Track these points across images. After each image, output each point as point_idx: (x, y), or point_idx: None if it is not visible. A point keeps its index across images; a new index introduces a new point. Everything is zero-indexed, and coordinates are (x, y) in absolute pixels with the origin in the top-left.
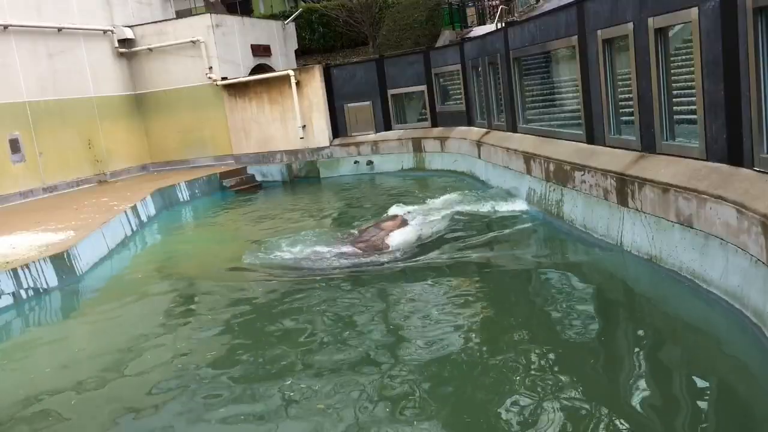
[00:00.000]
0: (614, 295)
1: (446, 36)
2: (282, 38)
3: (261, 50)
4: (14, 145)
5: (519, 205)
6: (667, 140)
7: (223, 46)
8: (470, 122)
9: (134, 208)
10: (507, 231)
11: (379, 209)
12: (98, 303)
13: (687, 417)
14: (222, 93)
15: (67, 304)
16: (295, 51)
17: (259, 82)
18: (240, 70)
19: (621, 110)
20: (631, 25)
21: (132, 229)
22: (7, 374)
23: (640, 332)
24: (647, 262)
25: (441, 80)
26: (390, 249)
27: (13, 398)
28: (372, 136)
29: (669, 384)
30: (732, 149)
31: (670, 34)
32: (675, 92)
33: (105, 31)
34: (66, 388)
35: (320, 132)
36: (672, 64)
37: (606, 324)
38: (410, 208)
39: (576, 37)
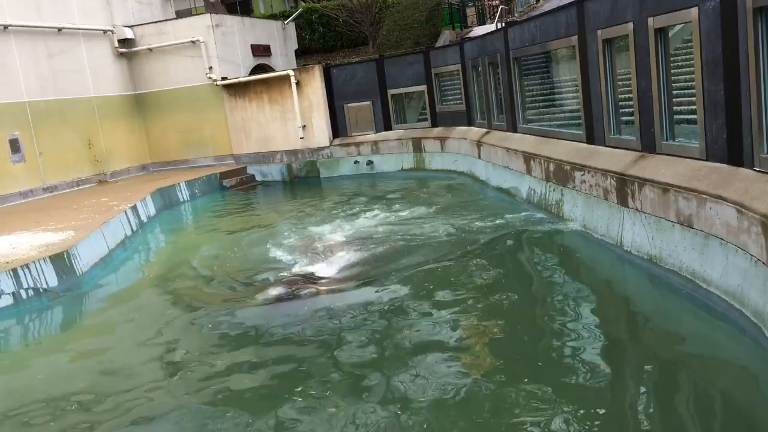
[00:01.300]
0: (613, 295)
1: (446, 36)
2: (282, 38)
3: (261, 50)
4: (14, 145)
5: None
6: (667, 140)
7: (223, 46)
8: (470, 122)
9: (134, 208)
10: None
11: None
12: (98, 303)
13: (686, 417)
14: (222, 93)
15: (67, 305)
16: (295, 51)
17: (259, 82)
18: (240, 70)
19: (621, 110)
20: (631, 25)
21: (132, 229)
22: (6, 375)
23: (640, 333)
24: (647, 262)
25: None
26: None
27: (12, 400)
28: (372, 136)
29: (668, 384)
30: (732, 149)
31: (670, 34)
32: (675, 92)
33: (105, 31)
34: (63, 390)
35: (320, 132)
36: (672, 64)
37: (605, 324)
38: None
39: (576, 37)
